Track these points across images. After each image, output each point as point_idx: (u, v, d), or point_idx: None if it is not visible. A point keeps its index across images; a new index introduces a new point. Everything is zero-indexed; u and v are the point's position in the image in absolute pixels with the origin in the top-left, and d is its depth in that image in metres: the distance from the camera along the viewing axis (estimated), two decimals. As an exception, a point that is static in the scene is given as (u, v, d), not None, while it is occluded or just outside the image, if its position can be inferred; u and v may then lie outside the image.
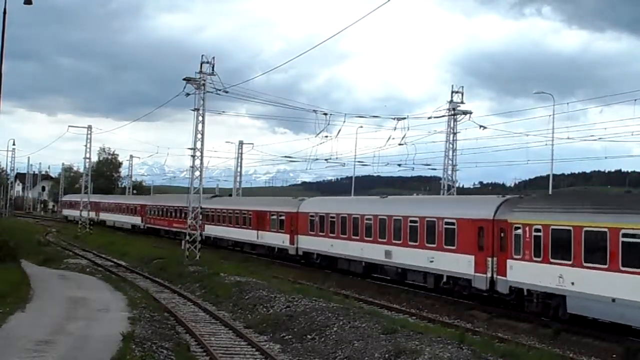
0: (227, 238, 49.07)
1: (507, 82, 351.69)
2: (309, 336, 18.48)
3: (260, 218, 43.67)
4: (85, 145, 66.47)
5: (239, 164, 67.35)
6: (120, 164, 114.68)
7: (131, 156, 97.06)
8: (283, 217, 40.85)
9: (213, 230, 50.29)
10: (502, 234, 24.01)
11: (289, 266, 39.47)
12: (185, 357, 15.83)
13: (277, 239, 41.16)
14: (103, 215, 79.07)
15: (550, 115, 41.72)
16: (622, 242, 18.54)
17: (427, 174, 76.02)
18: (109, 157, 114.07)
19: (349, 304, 22.81)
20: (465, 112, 44.28)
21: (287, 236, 39.98)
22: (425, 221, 28.03)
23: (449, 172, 45.07)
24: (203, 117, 38.64)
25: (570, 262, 20.35)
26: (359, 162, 59.55)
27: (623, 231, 18.59)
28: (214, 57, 37.80)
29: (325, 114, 43.21)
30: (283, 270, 36.75)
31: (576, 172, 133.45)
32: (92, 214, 77.57)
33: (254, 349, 17.57)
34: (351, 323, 18.61)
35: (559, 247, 20.87)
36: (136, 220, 69.02)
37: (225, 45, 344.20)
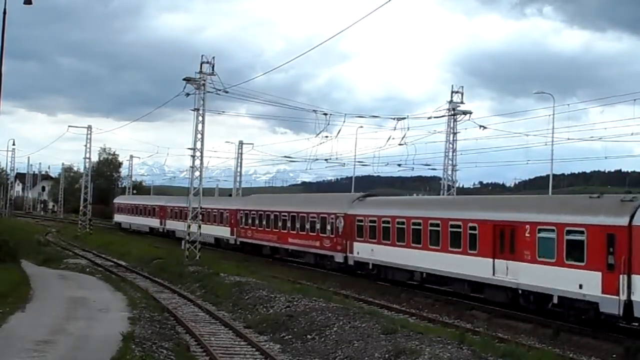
0: (407, 268, 28.90)
1: (508, 82, 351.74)
2: (309, 336, 18.48)
3: (511, 234, 23.46)
4: (85, 145, 66.38)
5: (239, 164, 67.39)
6: (120, 164, 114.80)
7: (131, 156, 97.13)
8: (581, 237, 20.54)
9: (374, 252, 30.98)
10: None
11: (286, 265, 39.44)
12: (185, 357, 15.83)
13: (565, 280, 20.88)
14: (171, 224, 60.80)
15: (550, 116, 41.75)
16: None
17: (427, 174, 76.05)
18: (109, 157, 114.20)
19: (349, 304, 22.82)
20: (465, 112, 44.37)
21: (597, 276, 19.78)
22: None
23: (449, 172, 45.14)
24: (203, 117, 38.67)
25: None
26: (359, 162, 59.41)
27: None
28: (214, 57, 37.87)
29: (325, 114, 43.28)
30: (283, 270, 36.74)
31: (576, 172, 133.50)
32: (154, 221, 64.88)
33: (254, 349, 17.57)
34: (351, 323, 18.62)
35: None
36: (224, 231, 49.82)
37: (226, 45, 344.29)
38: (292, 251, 39.86)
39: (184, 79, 38.22)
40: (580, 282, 20.34)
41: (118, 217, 77.91)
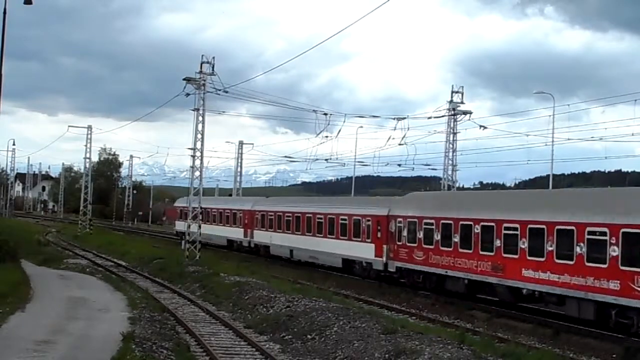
0: None
1: (509, 82, 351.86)
2: (309, 336, 18.48)
3: None
4: (86, 146, 66.41)
5: (239, 164, 67.35)
6: (120, 164, 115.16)
7: (131, 156, 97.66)
8: None
9: None
10: None
11: (288, 265, 39.43)
12: (185, 357, 15.81)
13: None
14: (263, 236, 44.28)
15: (550, 116, 41.77)
16: None
17: (427, 174, 76.13)
18: (109, 157, 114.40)
19: (349, 304, 22.81)
20: (465, 112, 44.44)
21: None
22: None
23: (449, 172, 45.17)
24: (203, 117, 38.68)
25: None
26: (359, 162, 59.43)
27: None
28: (214, 57, 37.89)
29: (326, 114, 43.39)
30: (283, 270, 36.74)
31: (576, 172, 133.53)
32: (236, 232, 48.68)
33: (254, 349, 17.56)
34: (351, 323, 18.61)
35: None
36: (362, 250, 32.58)
37: (227, 44, 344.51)
38: (532, 293, 23.05)
39: (184, 79, 38.25)
40: None
41: (180, 225, 55.48)
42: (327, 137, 47.62)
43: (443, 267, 26.92)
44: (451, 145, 44.66)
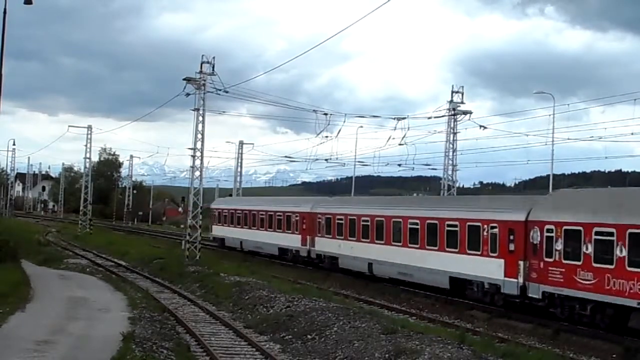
0: None
1: (509, 82, 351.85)
2: (309, 336, 18.48)
3: None
4: (86, 146, 66.43)
5: (239, 164, 67.32)
6: (120, 164, 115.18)
7: (131, 156, 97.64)
8: None
9: None
10: None
11: (288, 265, 39.39)
12: (186, 357, 15.83)
13: None
14: (326, 244, 36.49)
15: (550, 115, 41.77)
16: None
17: (427, 174, 76.16)
18: (110, 157, 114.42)
19: (349, 304, 22.84)
20: (465, 112, 44.44)
21: None
22: None
23: (449, 172, 45.18)
24: (203, 117, 38.70)
25: None
26: (359, 162, 59.39)
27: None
28: (214, 57, 37.92)
29: (326, 114, 43.36)
30: (283, 270, 36.73)
31: (576, 172, 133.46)
32: (291, 239, 40.40)
33: (254, 349, 17.57)
34: (351, 323, 18.62)
35: None
36: (487, 268, 24.60)
37: (227, 44, 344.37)
38: None
39: (184, 79, 38.26)
40: None
41: (219, 230, 49.36)
42: (327, 137, 47.66)
43: (631, 296, 19.04)
44: (451, 145, 44.68)
